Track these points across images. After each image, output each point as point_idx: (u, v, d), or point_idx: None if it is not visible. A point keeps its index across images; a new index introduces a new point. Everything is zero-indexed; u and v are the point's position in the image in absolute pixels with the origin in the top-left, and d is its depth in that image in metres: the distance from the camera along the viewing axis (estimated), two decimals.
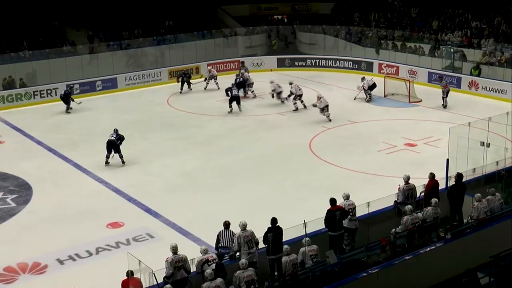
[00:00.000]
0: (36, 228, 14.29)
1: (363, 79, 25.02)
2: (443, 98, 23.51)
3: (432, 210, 11.59)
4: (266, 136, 20.82)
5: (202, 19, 34.33)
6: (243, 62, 28.74)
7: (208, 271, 9.44)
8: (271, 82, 24.82)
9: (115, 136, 17.96)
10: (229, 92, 24.27)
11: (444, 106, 23.29)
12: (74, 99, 24.46)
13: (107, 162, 17.98)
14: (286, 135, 20.73)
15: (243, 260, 9.83)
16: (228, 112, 23.37)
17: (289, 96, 23.78)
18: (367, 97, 24.55)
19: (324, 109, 21.85)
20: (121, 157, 17.99)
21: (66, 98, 24.12)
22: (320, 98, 21.88)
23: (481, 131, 14.25)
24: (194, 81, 27.41)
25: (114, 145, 17.89)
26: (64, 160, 18.81)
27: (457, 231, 11.37)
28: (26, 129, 22.16)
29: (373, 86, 24.70)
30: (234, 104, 23.45)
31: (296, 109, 23.51)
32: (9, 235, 14.00)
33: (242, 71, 27.40)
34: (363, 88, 24.57)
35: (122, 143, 18.05)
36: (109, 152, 17.95)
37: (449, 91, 23.50)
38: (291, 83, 23.79)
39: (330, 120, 21.72)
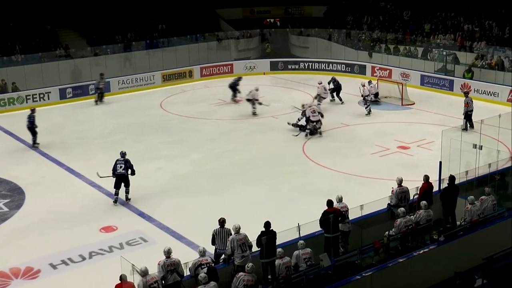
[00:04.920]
0: (29, 232, 14.22)
1: (369, 82, 24.46)
2: (464, 120, 20.24)
3: (424, 212, 11.62)
4: (259, 139, 20.82)
5: (197, 22, 34.30)
6: (102, 74, 26.73)
7: (202, 274, 9.44)
8: (319, 83, 24.16)
9: (123, 166, 15.45)
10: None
11: (464, 129, 19.59)
12: None
13: (116, 201, 15.50)
14: (279, 138, 20.73)
15: (250, 264, 9.86)
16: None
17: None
18: (366, 103, 24.20)
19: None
20: (127, 192, 15.55)
21: None
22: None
23: (474, 133, 14.33)
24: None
25: (124, 178, 15.51)
26: (57, 164, 18.73)
27: (450, 234, 11.42)
28: (18, 133, 22.03)
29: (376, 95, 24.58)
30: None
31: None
32: (1, 240, 13.92)
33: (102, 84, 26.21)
34: (368, 92, 24.26)
35: (134, 172, 15.63)
36: (118, 187, 15.47)
37: (469, 113, 20.18)
38: (257, 89, 23.80)
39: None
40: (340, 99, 25.02)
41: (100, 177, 16.03)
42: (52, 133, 22.19)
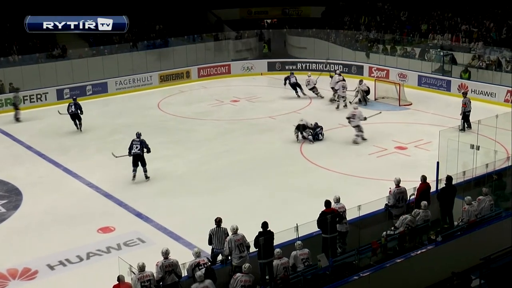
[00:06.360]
0: (26, 233, 14.20)
1: (360, 82, 24.90)
2: (461, 120, 20.02)
3: (422, 213, 11.64)
4: (257, 139, 20.83)
5: (195, 22, 34.26)
6: (17, 88, 24.97)
7: (199, 273, 9.49)
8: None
9: (139, 146, 16.53)
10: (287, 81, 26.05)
11: (462, 130, 18.93)
12: None
13: (134, 177, 16.74)
14: (277, 139, 20.73)
15: (247, 264, 9.86)
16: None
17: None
18: (361, 101, 24.36)
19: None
20: (145, 171, 16.80)
21: None
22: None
23: (471, 134, 14.34)
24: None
25: (140, 158, 16.66)
26: (54, 165, 18.71)
27: (448, 234, 11.43)
28: (15, 134, 22.03)
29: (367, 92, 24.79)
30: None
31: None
32: None
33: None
34: (360, 91, 24.50)
35: (150, 150, 16.75)
36: (135, 165, 16.66)
37: (466, 113, 20.09)
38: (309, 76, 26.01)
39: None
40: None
41: (116, 156, 16.32)
42: (49, 133, 22.17)
